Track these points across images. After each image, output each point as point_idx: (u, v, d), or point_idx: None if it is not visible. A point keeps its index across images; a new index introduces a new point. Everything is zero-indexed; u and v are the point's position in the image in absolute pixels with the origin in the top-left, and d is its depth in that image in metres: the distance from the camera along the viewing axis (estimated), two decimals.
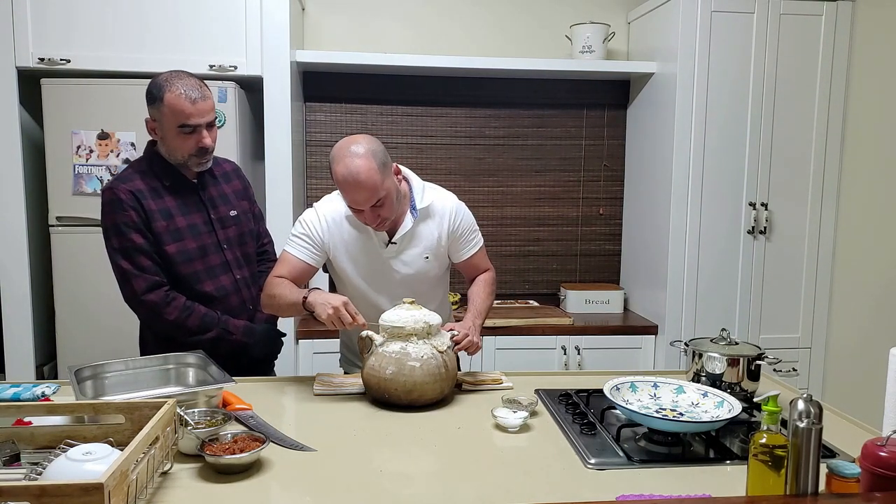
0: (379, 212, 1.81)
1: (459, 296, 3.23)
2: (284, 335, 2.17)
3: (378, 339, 1.78)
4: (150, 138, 1.97)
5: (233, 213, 2.04)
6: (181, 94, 1.83)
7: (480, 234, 2.09)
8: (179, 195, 1.94)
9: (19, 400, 1.68)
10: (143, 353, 2.02)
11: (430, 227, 1.97)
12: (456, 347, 1.83)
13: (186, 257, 1.92)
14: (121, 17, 2.63)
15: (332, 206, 1.95)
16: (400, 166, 1.95)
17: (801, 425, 1.15)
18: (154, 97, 1.86)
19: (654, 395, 1.66)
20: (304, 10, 3.22)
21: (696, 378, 1.76)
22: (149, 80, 2.64)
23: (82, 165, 2.63)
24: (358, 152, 1.76)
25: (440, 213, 1.98)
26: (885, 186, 3.06)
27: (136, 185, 1.88)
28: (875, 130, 3.04)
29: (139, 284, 1.87)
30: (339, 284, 2.04)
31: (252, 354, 2.02)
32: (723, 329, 1.82)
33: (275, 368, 2.21)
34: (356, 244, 1.95)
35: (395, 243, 1.94)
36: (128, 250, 1.86)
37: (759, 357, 1.73)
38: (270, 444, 1.44)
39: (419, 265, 1.98)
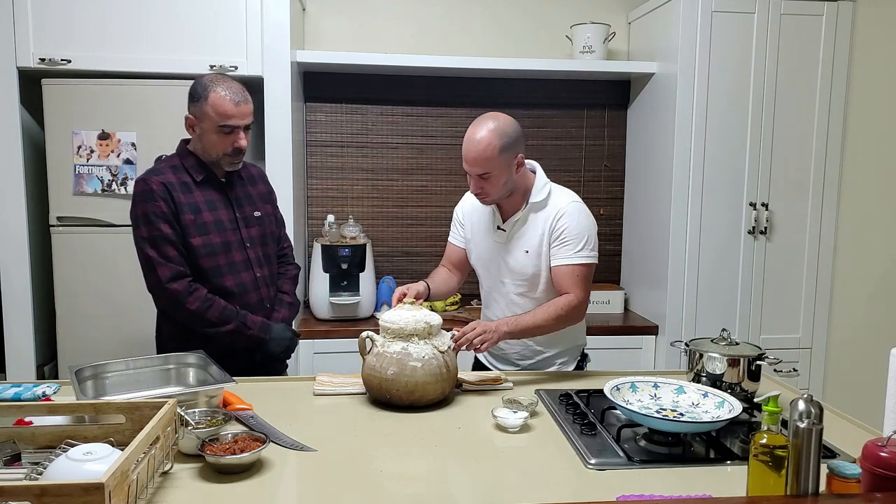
0: (482, 184, 1.92)
1: (460, 296, 3.23)
2: (299, 335, 2.20)
3: (379, 339, 1.78)
4: (183, 137, 2.04)
5: (256, 213, 2.10)
6: (225, 96, 1.90)
7: (583, 255, 1.96)
8: (208, 192, 2.01)
9: (20, 400, 1.68)
10: (158, 344, 2.08)
11: (537, 223, 2.00)
12: (455, 346, 1.82)
13: (210, 251, 1.97)
14: (121, 18, 2.63)
15: None
16: (534, 163, 2.07)
17: (802, 426, 1.15)
18: (198, 95, 1.93)
19: (655, 395, 1.66)
20: (304, 10, 3.22)
21: (697, 378, 1.76)
22: (148, 80, 2.67)
23: (83, 165, 2.63)
24: (489, 126, 1.89)
25: (548, 211, 1.99)
26: (886, 186, 3.06)
27: (168, 178, 1.95)
28: (876, 130, 3.04)
29: (164, 273, 1.91)
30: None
31: (267, 350, 2.04)
32: (723, 329, 1.82)
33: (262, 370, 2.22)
34: (482, 222, 2.10)
35: (504, 230, 2.02)
36: (155, 239, 1.91)
37: (760, 357, 1.73)
38: (270, 444, 1.44)
39: (518, 258, 2.01)
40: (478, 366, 2.23)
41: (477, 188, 1.95)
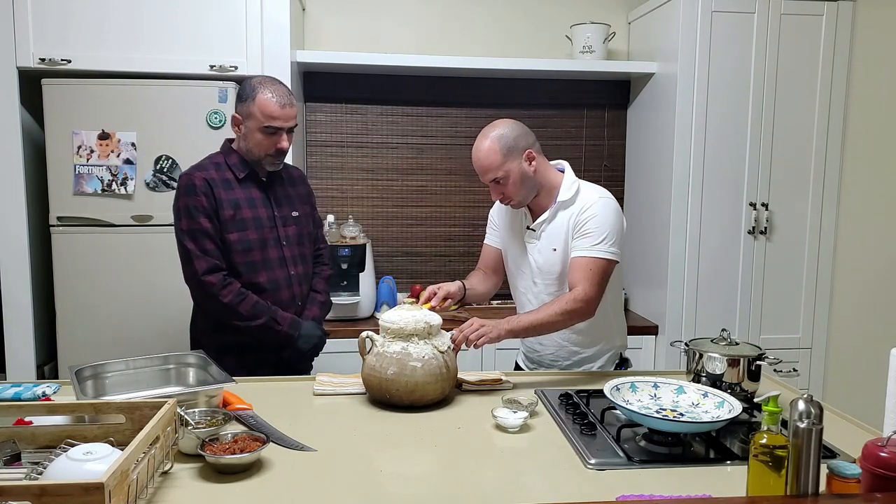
0: (501, 189, 1.96)
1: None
2: (328, 334, 2.23)
3: (378, 339, 1.78)
4: (227, 137, 2.14)
5: (294, 213, 2.16)
6: (272, 98, 1.97)
7: (600, 249, 1.90)
8: (249, 189, 2.07)
9: (20, 400, 1.68)
10: (192, 336, 2.15)
11: (564, 219, 1.98)
12: (454, 346, 1.82)
13: (246, 246, 2.03)
14: (121, 18, 2.63)
15: None
16: (563, 163, 2.08)
17: (802, 426, 1.15)
18: (246, 96, 2.00)
19: (655, 395, 1.66)
20: (304, 10, 3.22)
21: (697, 378, 1.76)
22: (149, 80, 2.67)
23: (83, 165, 2.63)
24: (487, 134, 1.94)
25: (575, 207, 1.98)
26: (886, 186, 3.07)
27: (211, 175, 2.01)
28: (876, 130, 3.04)
29: (200, 265, 1.97)
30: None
31: (296, 347, 2.08)
32: (723, 329, 1.82)
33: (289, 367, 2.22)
34: (514, 224, 2.11)
35: (533, 230, 2.03)
36: (195, 232, 1.97)
37: (760, 357, 1.73)
38: (270, 444, 1.44)
39: (547, 255, 2.01)
40: (516, 369, 2.26)
41: (497, 194, 1.99)
